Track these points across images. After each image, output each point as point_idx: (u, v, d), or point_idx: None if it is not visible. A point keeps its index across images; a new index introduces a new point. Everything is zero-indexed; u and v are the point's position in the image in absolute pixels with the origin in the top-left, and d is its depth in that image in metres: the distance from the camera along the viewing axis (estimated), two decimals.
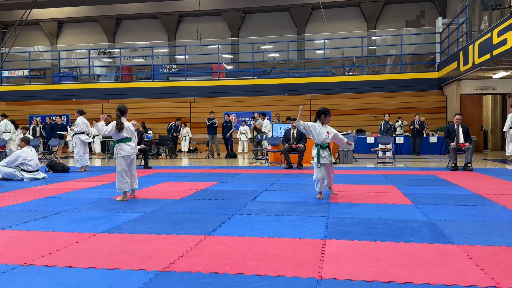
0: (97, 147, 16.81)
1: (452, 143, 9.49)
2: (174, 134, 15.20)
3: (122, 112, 5.81)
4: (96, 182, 7.76)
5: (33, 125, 16.50)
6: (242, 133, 16.19)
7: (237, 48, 23.24)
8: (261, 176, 8.65)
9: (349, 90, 17.55)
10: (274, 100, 17.79)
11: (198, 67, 21.10)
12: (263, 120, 14.59)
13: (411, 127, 14.40)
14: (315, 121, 5.89)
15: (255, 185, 7.14)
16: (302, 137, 10.62)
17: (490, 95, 17.22)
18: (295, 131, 10.69)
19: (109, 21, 24.94)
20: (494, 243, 3.45)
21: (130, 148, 5.79)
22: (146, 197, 5.95)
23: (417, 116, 14.47)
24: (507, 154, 12.17)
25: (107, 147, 16.10)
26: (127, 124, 5.86)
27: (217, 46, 19.81)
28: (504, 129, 12.07)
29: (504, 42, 10.33)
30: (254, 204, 5.33)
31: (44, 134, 15.87)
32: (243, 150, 16.31)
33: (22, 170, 8.25)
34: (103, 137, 15.90)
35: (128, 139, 5.81)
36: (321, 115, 5.78)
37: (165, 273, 2.81)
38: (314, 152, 5.76)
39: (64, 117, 18.56)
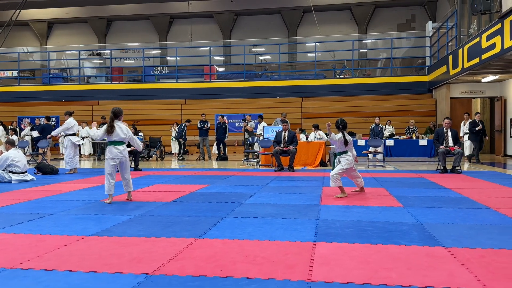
0: (86, 149, 16.68)
1: (441, 147, 9.58)
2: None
3: (116, 115, 5.82)
4: (85, 184, 7.69)
5: (12, 127, 16.19)
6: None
7: (228, 50, 23.24)
8: (252, 178, 8.64)
9: (340, 93, 17.63)
10: (266, 103, 17.81)
11: (189, 69, 21.05)
12: (260, 123, 14.51)
13: (477, 128, 12.33)
14: (342, 132, 6.24)
15: (246, 188, 7.13)
16: (293, 139, 10.64)
17: (479, 99, 17.42)
18: (286, 134, 10.71)
19: (100, 22, 24.80)
20: (482, 245, 3.48)
21: (117, 151, 5.75)
22: (136, 200, 5.92)
23: (478, 115, 12.74)
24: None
25: (97, 148, 15.99)
26: (120, 127, 5.80)
27: (208, 48, 19.80)
28: (461, 134, 12.80)
29: (493, 46, 10.45)
30: (245, 207, 5.32)
31: (33, 136, 15.70)
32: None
33: (10, 172, 8.15)
34: (92, 139, 15.79)
35: (117, 143, 5.77)
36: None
37: (154, 277, 2.79)
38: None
39: (53, 119, 18.43)
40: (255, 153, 12.80)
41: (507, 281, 2.68)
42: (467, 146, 12.86)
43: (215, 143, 15.17)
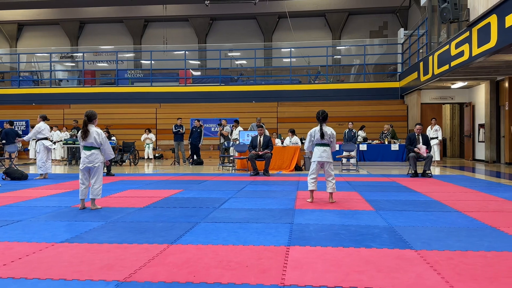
0: (57, 154, 16.29)
1: (414, 149, 9.79)
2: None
3: (89, 118, 5.64)
4: (55, 190, 7.51)
5: None
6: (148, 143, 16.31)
7: (204, 54, 23.19)
8: (227, 183, 8.62)
9: (315, 98, 17.81)
10: (241, 107, 17.83)
11: (164, 72, 20.89)
12: (235, 128, 14.47)
13: None
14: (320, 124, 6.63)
15: (221, 192, 7.11)
16: (268, 144, 10.69)
17: (449, 105, 17.93)
18: (261, 138, 10.75)
19: (72, 24, 24.35)
20: (451, 247, 3.58)
21: (84, 156, 5.64)
22: (108, 206, 5.82)
23: None
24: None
25: (68, 153, 15.65)
26: (93, 131, 5.64)
27: (184, 52, 19.70)
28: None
29: (461, 54, 10.78)
30: (220, 212, 5.31)
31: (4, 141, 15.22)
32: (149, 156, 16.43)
33: None
34: (64, 143, 15.45)
35: (85, 148, 5.65)
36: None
37: (126, 284, 2.75)
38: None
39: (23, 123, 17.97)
40: (231, 158, 12.78)
41: (473, 282, 2.77)
42: (436, 151, 13.24)
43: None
